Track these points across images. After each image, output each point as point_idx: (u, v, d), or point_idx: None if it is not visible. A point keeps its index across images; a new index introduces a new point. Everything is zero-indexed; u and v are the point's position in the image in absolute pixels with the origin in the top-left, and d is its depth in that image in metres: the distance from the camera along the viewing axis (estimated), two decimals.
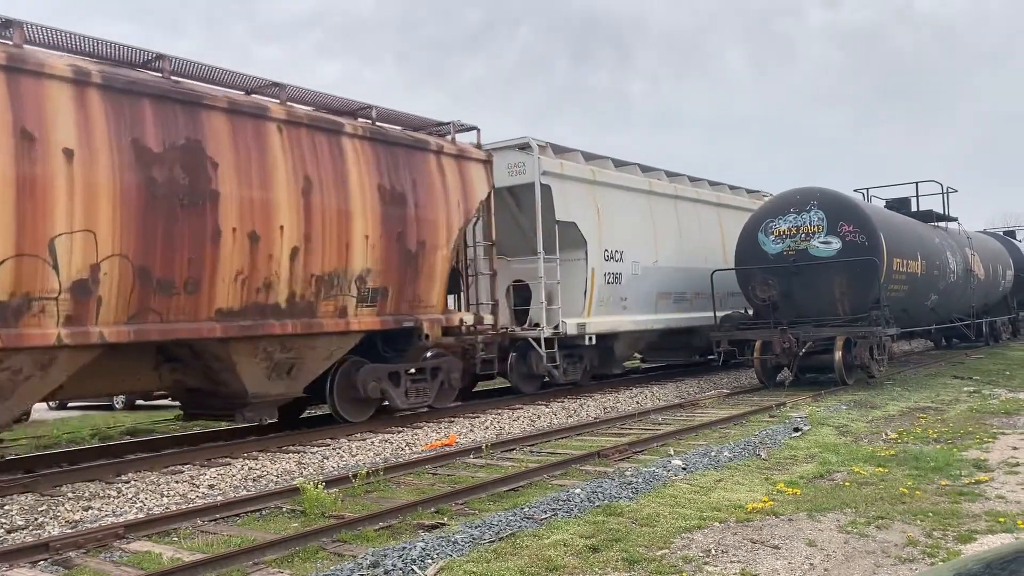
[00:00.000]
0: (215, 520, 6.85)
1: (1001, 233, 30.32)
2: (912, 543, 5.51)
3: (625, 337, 16.28)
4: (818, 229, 15.13)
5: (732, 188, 20.70)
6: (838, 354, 14.59)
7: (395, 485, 8.05)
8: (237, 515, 7.04)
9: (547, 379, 14.93)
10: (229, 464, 9.22)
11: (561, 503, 6.75)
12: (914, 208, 20.09)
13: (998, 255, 24.55)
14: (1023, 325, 28.11)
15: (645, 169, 17.56)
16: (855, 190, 20.45)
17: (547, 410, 13.21)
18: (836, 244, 14.98)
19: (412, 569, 5.18)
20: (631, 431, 11.02)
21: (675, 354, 19.79)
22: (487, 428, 11.76)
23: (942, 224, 20.79)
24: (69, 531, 6.62)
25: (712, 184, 19.91)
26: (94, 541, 6.12)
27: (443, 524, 6.28)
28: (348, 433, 11.04)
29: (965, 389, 14.33)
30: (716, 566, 5.16)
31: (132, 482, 8.36)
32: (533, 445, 10.15)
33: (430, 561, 5.32)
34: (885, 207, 19.13)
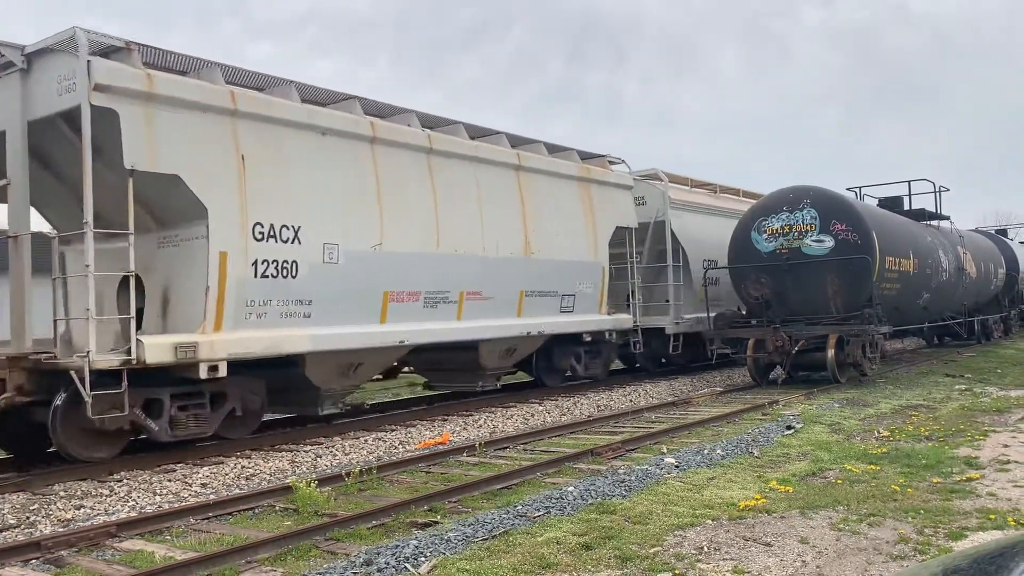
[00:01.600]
0: (208, 518, 6.84)
1: (993, 232, 30.46)
2: (904, 540, 5.54)
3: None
4: (811, 227, 15.16)
5: (553, 149, 14.77)
6: (831, 352, 14.63)
7: (388, 483, 8.05)
8: (230, 513, 7.03)
9: None
10: (222, 463, 9.20)
11: (554, 501, 6.76)
12: (906, 207, 20.15)
13: (990, 254, 24.63)
14: (1015, 323, 28.22)
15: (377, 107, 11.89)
16: (848, 189, 20.49)
17: (541, 408, 13.22)
18: (829, 242, 15.02)
19: (405, 567, 5.18)
20: (624, 429, 11.03)
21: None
22: (480, 427, 11.76)
23: (934, 223, 20.85)
24: (61, 530, 6.60)
25: (513, 139, 13.82)
26: (86, 540, 6.10)
27: (436, 522, 6.28)
28: (341, 431, 11.03)
29: (957, 387, 14.39)
30: (709, 564, 5.17)
31: (124, 481, 8.33)
32: (527, 443, 10.16)
33: (423, 559, 5.32)
34: (878, 206, 19.18)
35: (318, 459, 9.50)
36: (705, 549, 5.47)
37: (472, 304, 12.38)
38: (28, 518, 6.99)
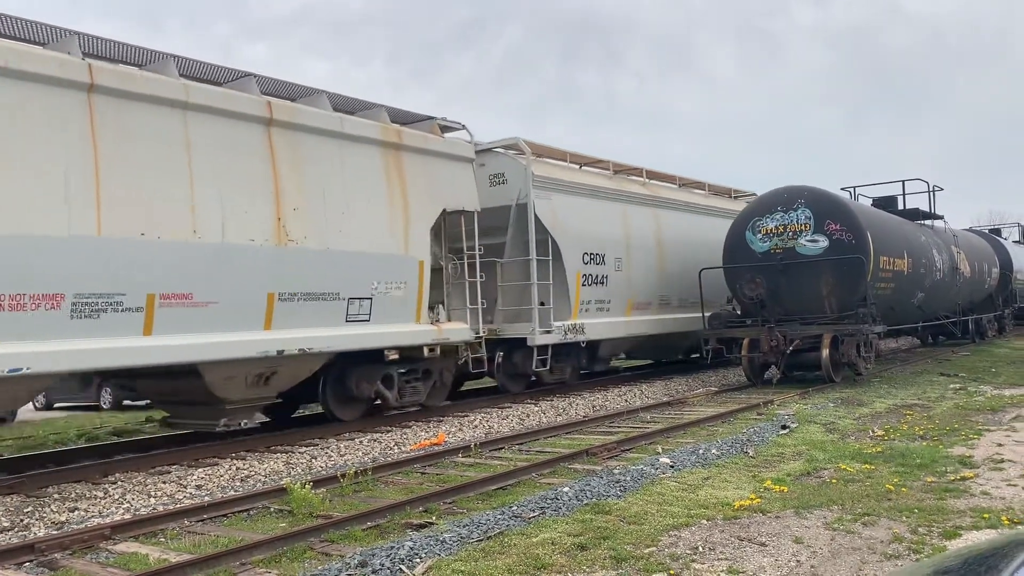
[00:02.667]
0: (202, 520, 6.83)
1: (987, 231, 30.56)
2: (898, 539, 5.55)
3: None
4: (805, 227, 15.19)
5: (352, 105, 11.89)
6: (825, 352, 14.66)
7: (383, 484, 8.05)
8: (225, 515, 7.02)
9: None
10: (217, 464, 9.19)
11: (549, 501, 6.76)
12: (901, 206, 20.21)
13: (984, 253, 24.71)
14: (1009, 322, 28.31)
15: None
16: (842, 188, 20.57)
17: (536, 409, 13.22)
18: (823, 242, 15.05)
19: (400, 568, 5.18)
20: (620, 429, 11.04)
21: None
22: (476, 427, 11.76)
23: (928, 222, 20.91)
24: (55, 532, 6.59)
25: (271, 85, 10.84)
26: (80, 542, 6.08)
27: (431, 523, 6.28)
28: (337, 433, 11.01)
29: (951, 386, 14.43)
30: (703, 564, 5.18)
31: (119, 483, 8.32)
32: (522, 444, 10.16)
33: (418, 560, 5.31)
34: (872, 205, 19.23)
35: (313, 460, 9.49)
36: (700, 549, 5.47)
37: (174, 312, 8.74)
38: (22, 520, 6.97)
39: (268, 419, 12.31)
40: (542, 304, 13.89)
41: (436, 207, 11.99)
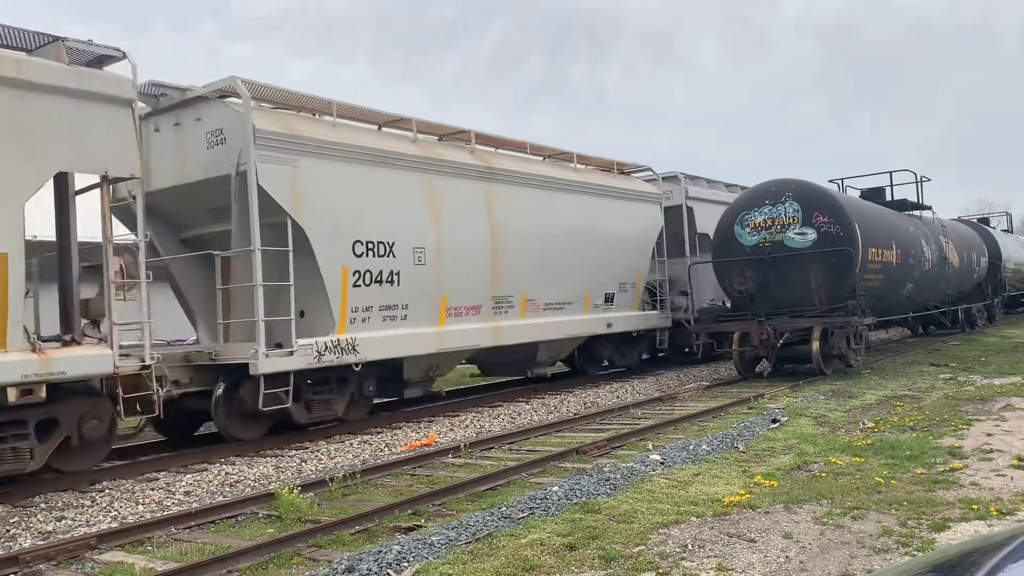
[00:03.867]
0: (190, 527, 6.78)
1: (975, 220, 30.63)
2: (887, 533, 5.54)
3: None
4: (793, 220, 15.20)
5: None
6: (815, 344, 14.68)
7: (373, 487, 8.01)
8: (212, 522, 6.97)
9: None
10: (206, 470, 9.13)
11: (539, 502, 6.73)
12: (888, 197, 20.24)
13: (972, 243, 24.77)
14: (998, 311, 28.39)
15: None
16: (830, 180, 20.60)
17: (527, 407, 13.19)
18: (811, 235, 15.05)
19: (388, 572, 5.14)
20: (610, 426, 11.02)
21: None
22: (467, 427, 11.72)
23: (916, 213, 20.95)
24: (40, 543, 6.52)
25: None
26: (65, 552, 6.03)
27: (420, 526, 6.24)
28: (327, 436, 10.96)
29: (941, 376, 14.46)
30: (692, 561, 5.16)
31: (106, 490, 8.26)
32: (512, 443, 10.13)
33: (406, 564, 5.28)
34: (860, 197, 19.25)
35: (303, 464, 9.44)
36: (689, 547, 5.45)
37: None
38: (8, 531, 6.91)
39: None
40: (302, 314, 10.63)
41: (42, 169, 8.03)
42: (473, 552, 5.50)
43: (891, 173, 20.50)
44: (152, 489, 8.30)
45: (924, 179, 20.80)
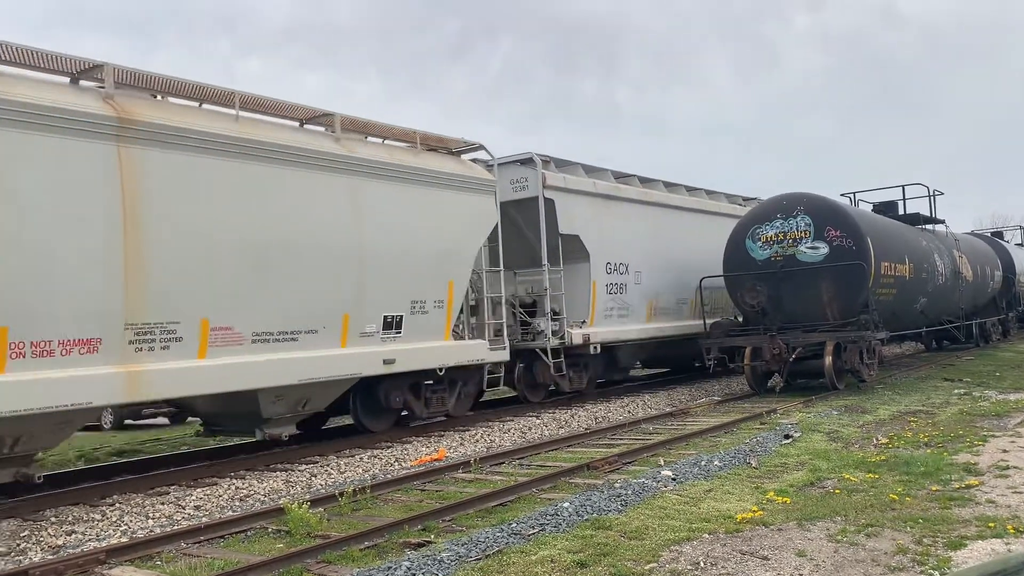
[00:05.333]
0: (199, 542, 6.76)
1: (988, 234, 30.45)
2: (902, 551, 5.46)
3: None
4: (805, 234, 15.14)
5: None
6: (828, 359, 14.58)
7: (382, 502, 7.97)
8: (222, 537, 6.95)
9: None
10: (216, 484, 9.12)
11: (549, 518, 6.68)
12: (901, 211, 20.15)
13: (986, 256, 24.61)
14: (1013, 326, 28.17)
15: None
16: (842, 194, 20.49)
17: (538, 422, 13.14)
18: (823, 249, 14.99)
19: None
20: (621, 441, 10.96)
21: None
22: (477, 441, 11.68)
23: (929, 227, 20.84)
24: (50, 558, 6.52)
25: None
26: (74, 567, 6.02)
27: (429, 542, 6.21)
28: (337, 450, 10.95)
29: (955, 391, 14.33)
30: None
31: (117, 505, 8.26)
32: (523, 458, 10.08)
33: None
34: (872, 211, 19.17)
35: (313, 478, 9.42)
36: (701, 564, 5.39)
37: None
38: (18, 545, 6.91)
39: None
40: None
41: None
42: (483, 569, 5.46)
43: (903, 187, 20.44)
44: (162, 503, 8.29)
45: (937, 193, 20.71)
